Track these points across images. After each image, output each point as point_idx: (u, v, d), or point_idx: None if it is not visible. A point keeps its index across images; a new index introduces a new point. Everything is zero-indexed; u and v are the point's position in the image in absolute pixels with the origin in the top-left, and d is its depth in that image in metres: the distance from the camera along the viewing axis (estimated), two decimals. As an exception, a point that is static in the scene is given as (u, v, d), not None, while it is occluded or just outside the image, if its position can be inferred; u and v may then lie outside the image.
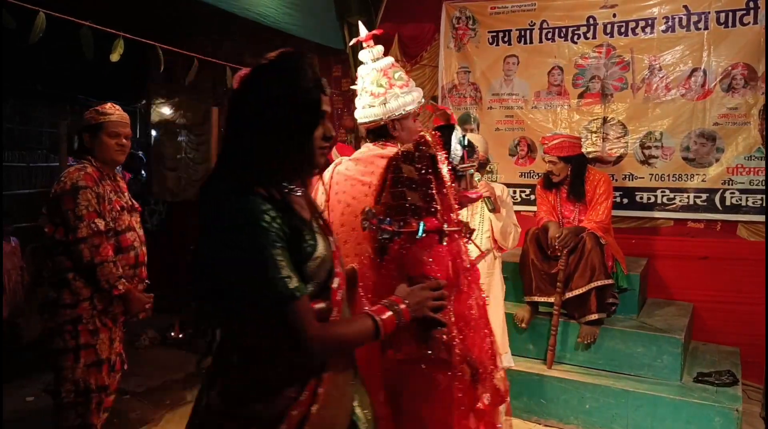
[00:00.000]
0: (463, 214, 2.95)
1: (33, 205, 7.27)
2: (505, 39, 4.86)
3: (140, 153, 7.26)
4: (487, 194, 2.88)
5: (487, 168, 4.48)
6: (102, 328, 2.61)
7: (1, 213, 5.50)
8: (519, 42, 4.81)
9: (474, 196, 2.05)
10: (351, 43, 2.21)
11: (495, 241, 3.12)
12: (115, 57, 3.18)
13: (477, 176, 2.87)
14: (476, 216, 3.16)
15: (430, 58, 5.18)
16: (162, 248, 6.68)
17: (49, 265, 2.60)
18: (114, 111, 2.69)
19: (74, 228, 2.49)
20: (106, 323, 2.62)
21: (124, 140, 2.71)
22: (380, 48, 2.12)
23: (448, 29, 5.06)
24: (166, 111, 6.74)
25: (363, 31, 2.15)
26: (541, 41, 4.73)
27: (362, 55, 2.13)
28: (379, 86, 2.09)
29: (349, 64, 5.34)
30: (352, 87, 2.17)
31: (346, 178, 2.08)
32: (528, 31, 4.76)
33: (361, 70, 2.15)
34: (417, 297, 1.49)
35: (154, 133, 6.91)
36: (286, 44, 6.44)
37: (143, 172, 6.86)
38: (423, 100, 2.21)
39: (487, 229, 3.13)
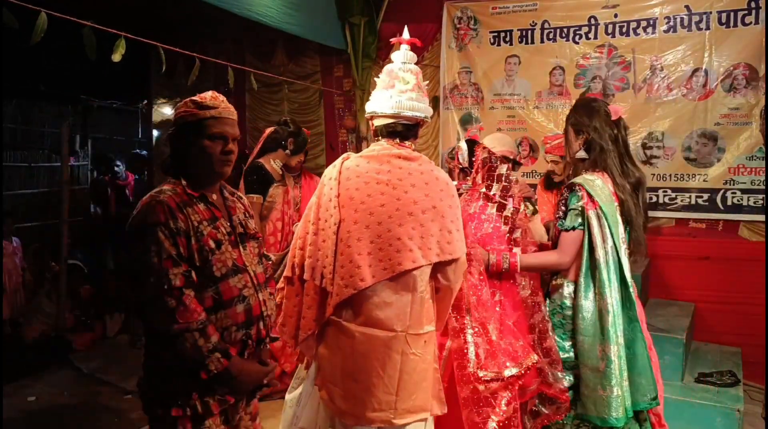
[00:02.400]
0: None
1: (35, 205, 7.30)
2: (507, 39, 4.86)
3: (143, 153, 7.29)
4: (527, 195, 2.94)
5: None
6: (206, 413, 1.78)
7: (2, 213, 5.51)
8: (520, 42, 4.81)
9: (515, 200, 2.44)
10: (391, 40, 2.26)
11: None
12: (116, 57, 3.17)
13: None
14: None
15: (431, 58, 5.18)
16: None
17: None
18: (219, 103, 1.89)
19: (140, 284, 1.73)
20: (208, 405, 1.78)
21: (231, 145, 1.89)
22: (414, 56, 2.17)
23: (449, 29, 5.07)
24: (168, 111, 6.76)
25: (406, 33, 2.18)
26: (542, 41, 4.73)
27: (396, 55, 2.15)
28: (425, 86, 2.13)
29: (351, 64, 5.35)
30: (375, 79, 2.16)
31: (358, 175, 2.03)
32: (529, 32, 4.76)
33: (397, 65, 2.14)
34: None
35: (156, 133, 6.92)
36: (287, 44, 6.43)
37: (145, 172, 6.88)
38: None
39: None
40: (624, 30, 4.45)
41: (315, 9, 4.86)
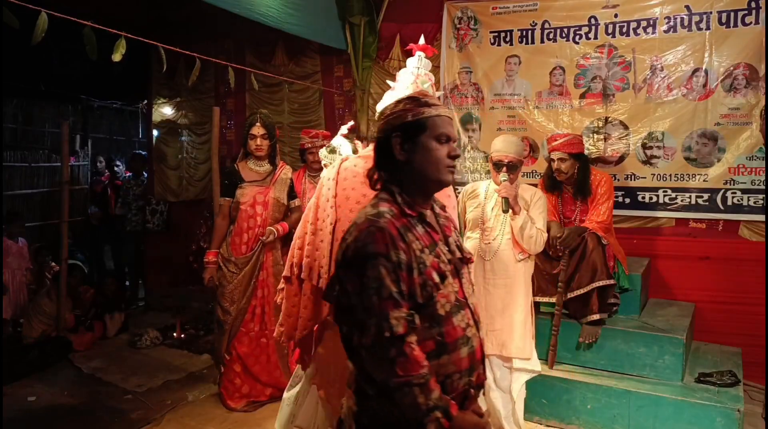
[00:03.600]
0: (487, 215, 3.12)
1: (35, 205, 7.31)
2: (507, 39, 4.86)
3: (143, 153, 7.29)
4: (504, 195, 3.05)
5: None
6: None
7: (1, 213, 5.51)
8: (521, 42, 4.80)
9: None
10: (407, 48, 2.40)
11: (517, 243, 3.19)
12: (116, 57, 3.17)
13: (503, 176, 3.11)
14: (500, 217, 3.22)
15: (431, 58, 5.17)
16: (163, 248, 6.70)
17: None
18: (437, 100, 1.65)
19: (358, 325, 1.43)
20: None
21: (457, 149, 1.62)
22: (429, 62, 2.30)
23: (449, 29, 5.06)
24: (168, 111, 6.76)
25: (422, 40, 2.29)
26: (542, 41, 4.72)
27: (410, 61, 2.26)
28: (432, 90, 2.26)
29: (351, 64, 5.35)
30: (390, 83, 2.24)
31: (355, 175, 2.06)
32: (530, 32, 4.76)
33: (408, 71, 2.27)
34: None
35: (155, 132, 6.92)
36: (288, 44, 6.44)
37: (144, 172, 6.88)
38: None
39: (508, 231, 3.20)
40: (624, 30, 4.45)
41: (315, 9, 4.86)
